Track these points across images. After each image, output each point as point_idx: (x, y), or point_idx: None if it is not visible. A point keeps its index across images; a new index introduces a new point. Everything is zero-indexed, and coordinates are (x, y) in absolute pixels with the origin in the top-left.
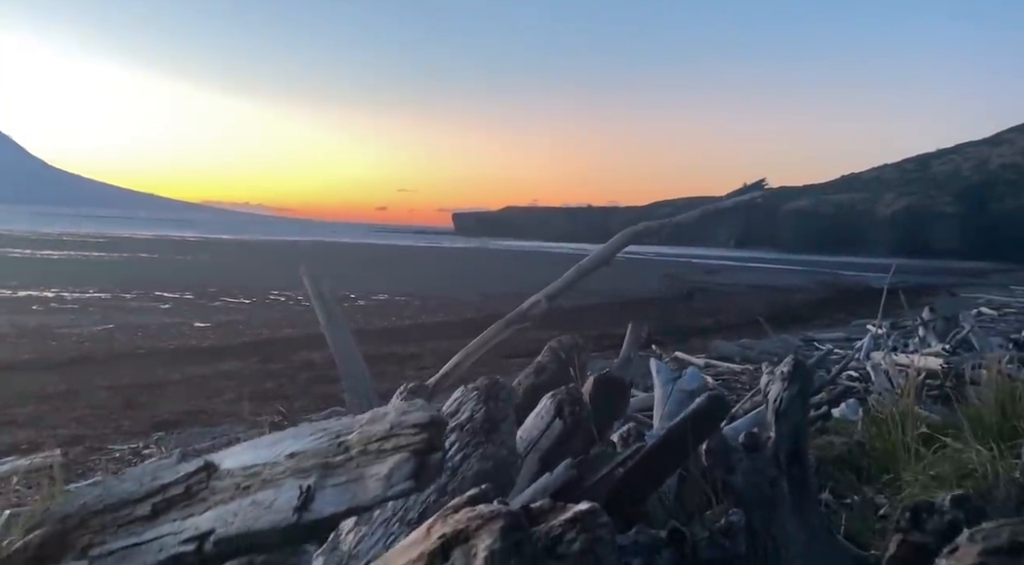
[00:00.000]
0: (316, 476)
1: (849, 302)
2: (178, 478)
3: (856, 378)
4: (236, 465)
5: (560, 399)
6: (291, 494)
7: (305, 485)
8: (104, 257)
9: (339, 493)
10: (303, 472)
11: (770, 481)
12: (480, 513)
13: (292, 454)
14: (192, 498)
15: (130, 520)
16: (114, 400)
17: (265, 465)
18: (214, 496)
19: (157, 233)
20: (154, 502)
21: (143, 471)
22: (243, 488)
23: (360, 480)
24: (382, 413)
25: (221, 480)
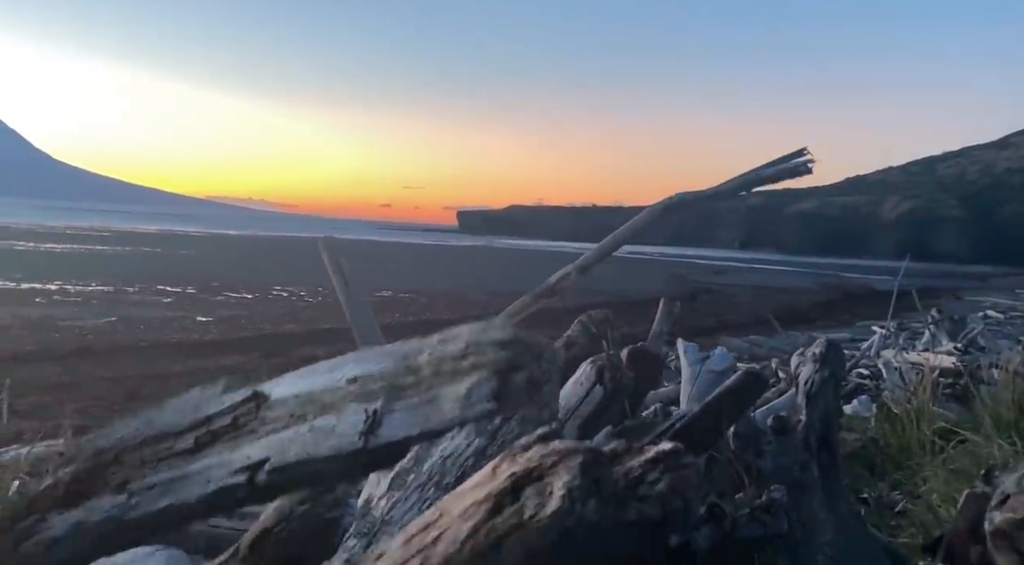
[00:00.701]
0: (383, 400)
1: (853, 304)
2: (223, 409)
3: (867, 376)
4: (289, 393)
5: (601, 365)
6: (356, 419)
7: (371, 408)
8: (107, 251)
9: (410, 415)
10: (368, 396)
11: (800, 465)
12: (555, 449)
13: (354, 378)
14: (240, 430)
15: (171, 454)
16: (116, 392)
17: (324, 391)
18: (265, 427)
19: (161, 227)
20: (197, 435)
21: (184, 402)
22: (298, 416)
23: (434, 402)
24: (455, 333)
25: (272, 410)
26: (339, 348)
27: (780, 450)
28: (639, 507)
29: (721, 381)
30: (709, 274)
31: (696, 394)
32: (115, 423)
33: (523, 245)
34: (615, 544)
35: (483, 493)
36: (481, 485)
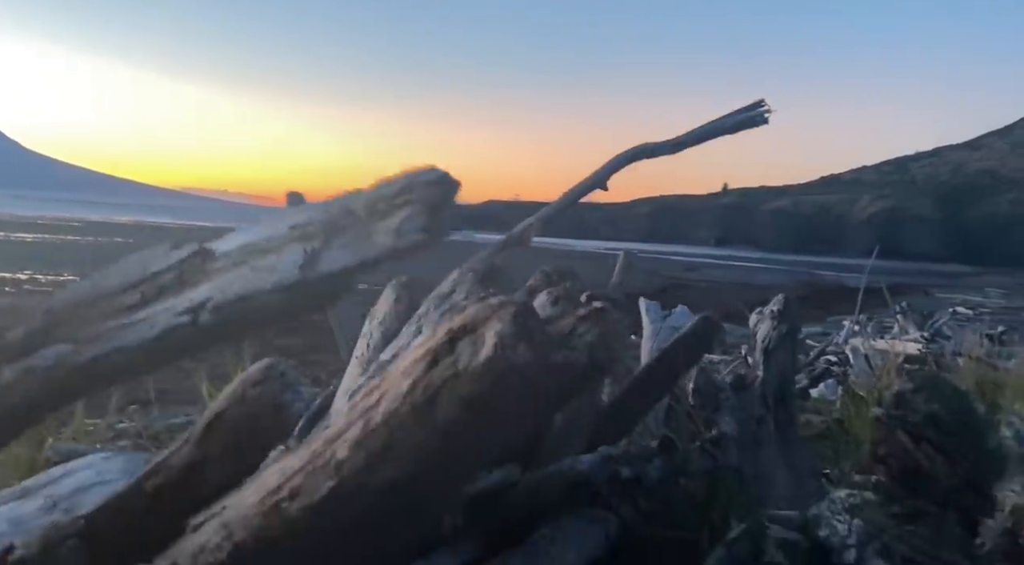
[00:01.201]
0: (321, 240)
1: (826, 300)
2: (171, 265)
3: (835, 362)
4: (233, 246)
5: (557, 294)
6: (294, 256)
7: (310, 247)
8: (80, 241)
9: (347, 251)
10: (308, 237)
11: (756, 419)
12: (490, 303)
13: (295, 225)
14: (185, 284)
15: (119, 308)
16: None
17: (267, 239)
18: (209, 277)
19: (134, 218)
20: (143, 290)
21: (130, 261)
22: (241, 263)
23: (368, 237)
24: (391, 178)
25: (217, 262)
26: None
27: (738, 405)
28: (567, 353)
29: None
30: (684, 270)
31: (656, 349)
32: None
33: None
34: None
35: (422, 350)
36: (422, 345)
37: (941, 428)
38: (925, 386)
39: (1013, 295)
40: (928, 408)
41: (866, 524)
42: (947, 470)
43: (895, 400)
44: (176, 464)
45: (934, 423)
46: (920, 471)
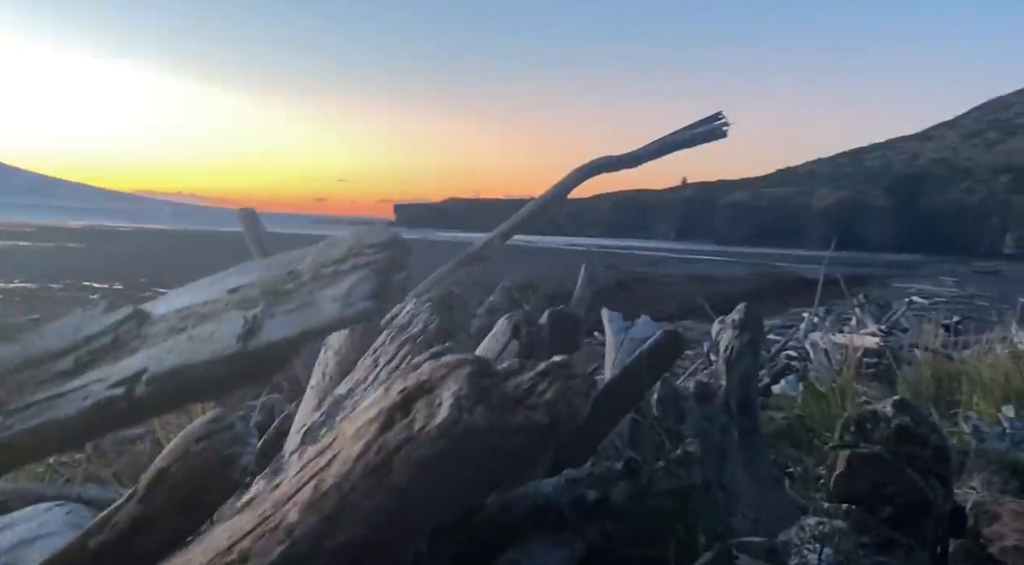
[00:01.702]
0: (263, 306)
1: (784, 292)
2: (105, 328)
3: (795, 357)
4: (170, 309)
5: (517, 320)
6: (235, 324)
7: (251, 314)
8: (32, 247)
9: (291, 319)
10: (248, 303)
11: (720, 429)
12: (445, 362)
13: (235, 289)
14: (121, 349)
15: (51, 376)
16: None
17: (204, 303)
18: (145, 342)
19: (87, 223)
20: (77, 355)
21: (65, 324)
22: (179, 329)
23: (313, 304)
24: (337, 238)
25: (153, 326)
26: None
27: (702, 415)
28: (527, 414)
29: None
30: (644, 264)
31: (619, 361)
32: None
33: (461, 237)
34: (504, 450)
35: (375, 411)
36: (374, 404)
37: (942, 458)
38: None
39: (966, 283)
40: (936, 441)
41: (836, 553)
42: (945, 498)
43: (898, 435)
44: (120, 521)
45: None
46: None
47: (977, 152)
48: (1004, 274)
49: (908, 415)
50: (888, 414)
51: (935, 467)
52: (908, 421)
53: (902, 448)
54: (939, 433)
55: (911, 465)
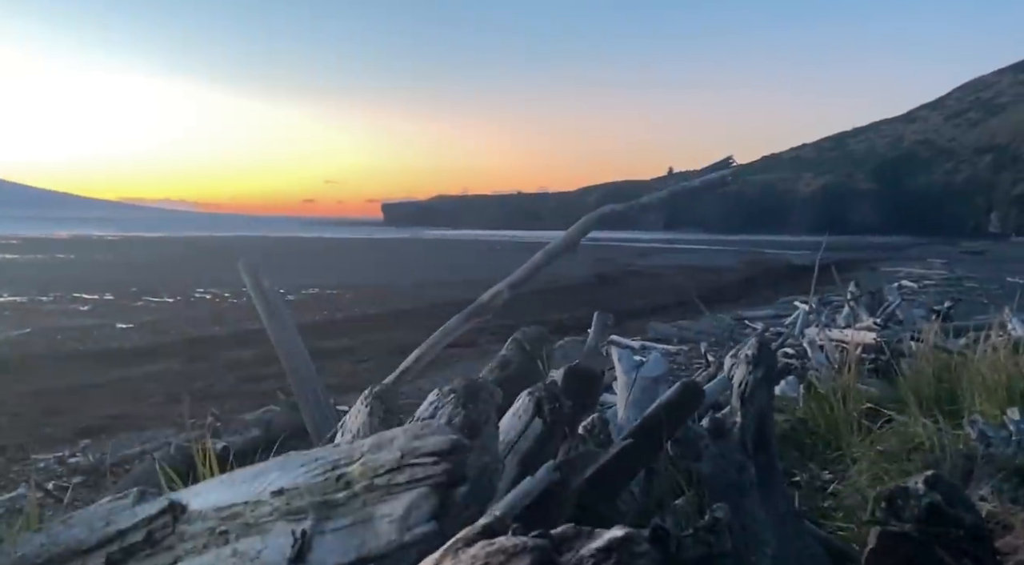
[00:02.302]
0: (312, 518)
1: (774, 280)
2: (137, 522)
3: (793, 355)
4: (208, 505)
5: (539, 397)
6: (283, 541)
7: (299, 530)
8: (19, 259)
9: (344, 539)
10: (295, 513)
11: (737, 467)
12: (502, 547)
13: (279, 491)
14: (156, 546)
15: None
16: (35, 407)
17: (246, 504)
18: (183, 543)
19: (75, 232)
20: (109, 552)
21: (94, 513)
22: (219, 533)
23: (368, 522)
24: (389, 437)
25: (191, 524)
26: (264, 351)
27: (718, 453)
28: None
29: (656, 387)
30: (635, 256)
31: (632, 401)
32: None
33: (450, 235)
34: None
35: None
36: None
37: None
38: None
39: (954, 264)
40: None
41: None
42: None
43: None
44: None
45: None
46: None
47: (960, 132)
48: (990, 254)
49: (940, 492)
50: (919, 491)
51: (969, 548)
52: (940, 499)
53: (934, 528)
54: (974, 512)
55: (943, 545)
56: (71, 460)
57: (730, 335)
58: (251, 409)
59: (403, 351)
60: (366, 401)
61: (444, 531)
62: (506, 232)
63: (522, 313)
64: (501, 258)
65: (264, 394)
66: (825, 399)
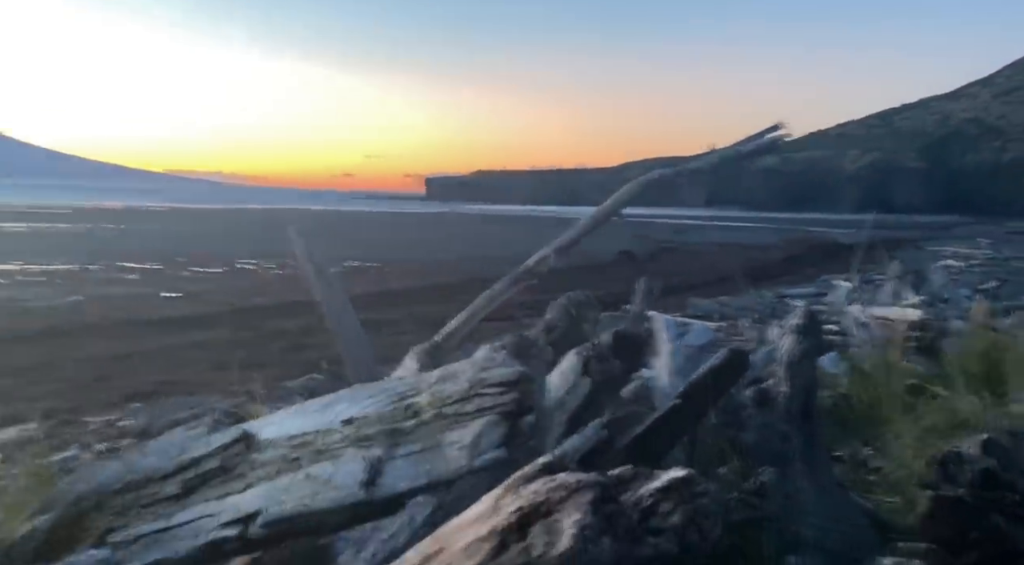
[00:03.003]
0: (383, 445)
1: (818, 258)
2: (211, 451)
3: (835, 331)
4: (280, 434)
5: (587, 356)
6: (354, 467)
7: (371, 456)
8: (70, 228)
9: (413, 464)
10: (365, 440)
11: (781, 436)
12: (563, 483)
13: (349, 420)
14: (229, 474)
15: (157, 500)
16: (86, 372)
17: (317, 433)
18: (255, 471)
19: (124, 203)
20: (185, 479)
21: (169, 443)
22: (292, 460)
23: (438, 449)
24: (454, 370)
25: (263, 452)
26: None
27: (762, 422)
28: (655, 543)
29: (700, 355)
30: (675, 233)
31: (676, 368)
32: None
33: (490, 210)
34: None
35: (486, 529)
36: (483, 519)
37: None
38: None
39: (1000, 245)
40: None
41: None
42: None
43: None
44: None
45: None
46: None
47: (1010, 110)
48: None
49: (995, 457)
50: (974, 456)
51: None
52: (995, 465)
53: (989, 493)
54: None
55: (999, 510)
56: (120, 424)
57: (772, 312)
58: (294, 377)
59: (442, 324)
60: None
61: (511, 456)
62: (546, 208)
63: (559, 288)
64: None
65: (307, 363)
66: (869, 375)
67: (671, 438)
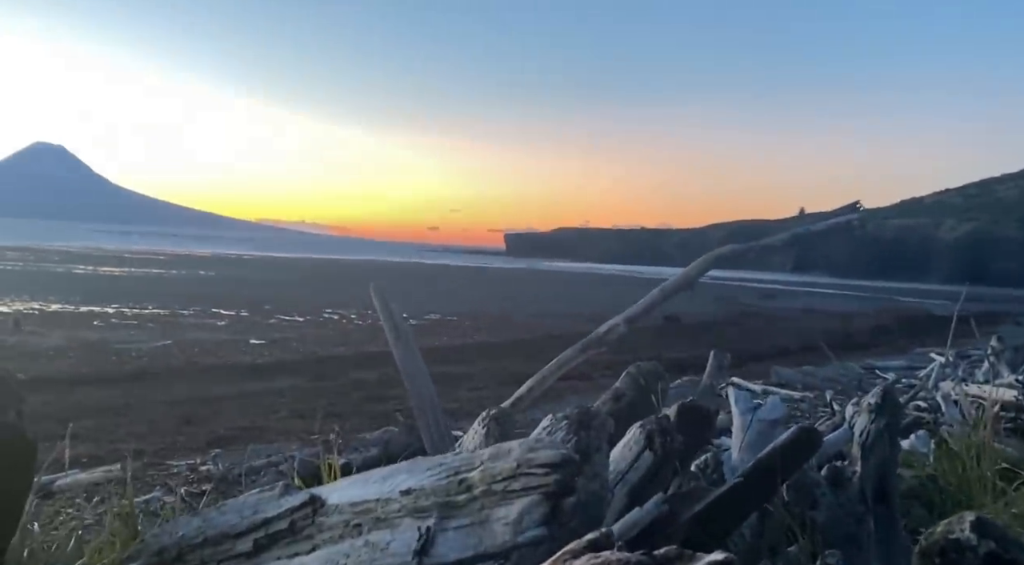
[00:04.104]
0: (436, 517)
1: (909, 329)
2: (281, 512)
3: (925, 408)
4: (344, 500)
5: (651, 430)
6: (409, 535)
7: (424, 526)
8: (163, 274)
9: (463, 537)
10: (421, 511)
11: (856, 518)
12: (607, 560)
13: (407, 490)
14: (297, 535)
15: (230, 556)
16: (171, 415)
17: (377, 501)
18: (321, 534)
19: (215, 251)
20: (256, 537)
21: (244, 503)
22: (353, 526)
23: (486, 523)
24: (506, 449)
25: (328, 516)
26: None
27: (835, 502)
28: None
29: (773, 431)
30: (759, 297)
31: (747, 443)
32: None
33: (569, 267)
34: None
35: None
36: None
37: None
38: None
39: None
40: None
41: None
42: None
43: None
44: None
45: None
46: None
47: None
48: None
49: (992, 538)
50: (972, 541)
51: None
52: (995, 547)
53: None
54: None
55: None
56: (202, 468)
57: (858, 384)
58: (371, 428)
59: (518, 380)
60: (484, 422)
61: (552, 536)
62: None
63: (638, 350)
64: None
65: (384, 415)
66: (958, 456)
67: (737, 516)
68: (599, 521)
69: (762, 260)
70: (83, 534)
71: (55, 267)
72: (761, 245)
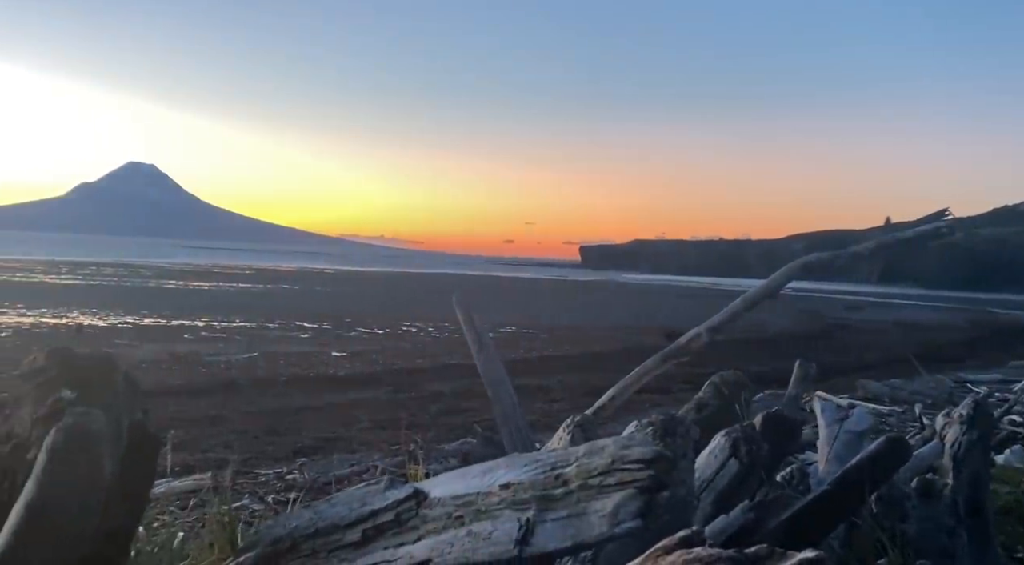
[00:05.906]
0: (535, 509)
1: (1004, 342)
2: (388, 505)
3: (1020, 423)
4: (446, 493)
5: (736, 438)
6: (510, 526)
7: (524, 518)
8: (250, 288)
9: (561, 528)
10: (520, 504)
11: (947, 531)
12: (699, 556)
13: (506, 485)
14: (402, 526)
15: (340, 545)
16: (258, 425)
17: (478, 495)
18: (425, 525)
19: (299, 265)
20: (364, 528)
21: (351, 496)
22: (456, 518)
23: (583, 516)
24: (600, 446)
25: (431, 509)
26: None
27: (926, 515)
28: None
29: (860, 441)
30: (845, 309)
31: (834, 455)
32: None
33: (645, 279)
34: None
35: None
36: None
37: None
38: None
39: None
40: None
41: None
42: None
43: None
44: None
45: None
46: None
47: None
48: None
49: None
50: None
51: None
52: None
53: None
54: None
55: None
56: (288, 476)
57: (949, 397)
58: (449, 440)
59: (596, 392)
60: (568, 429)
61: (647, 527)
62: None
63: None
64: (697, 304)
65: (461, 426)
66: None
67: (824, 525)
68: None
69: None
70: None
71: (147, 282)
72: (849, 254)
